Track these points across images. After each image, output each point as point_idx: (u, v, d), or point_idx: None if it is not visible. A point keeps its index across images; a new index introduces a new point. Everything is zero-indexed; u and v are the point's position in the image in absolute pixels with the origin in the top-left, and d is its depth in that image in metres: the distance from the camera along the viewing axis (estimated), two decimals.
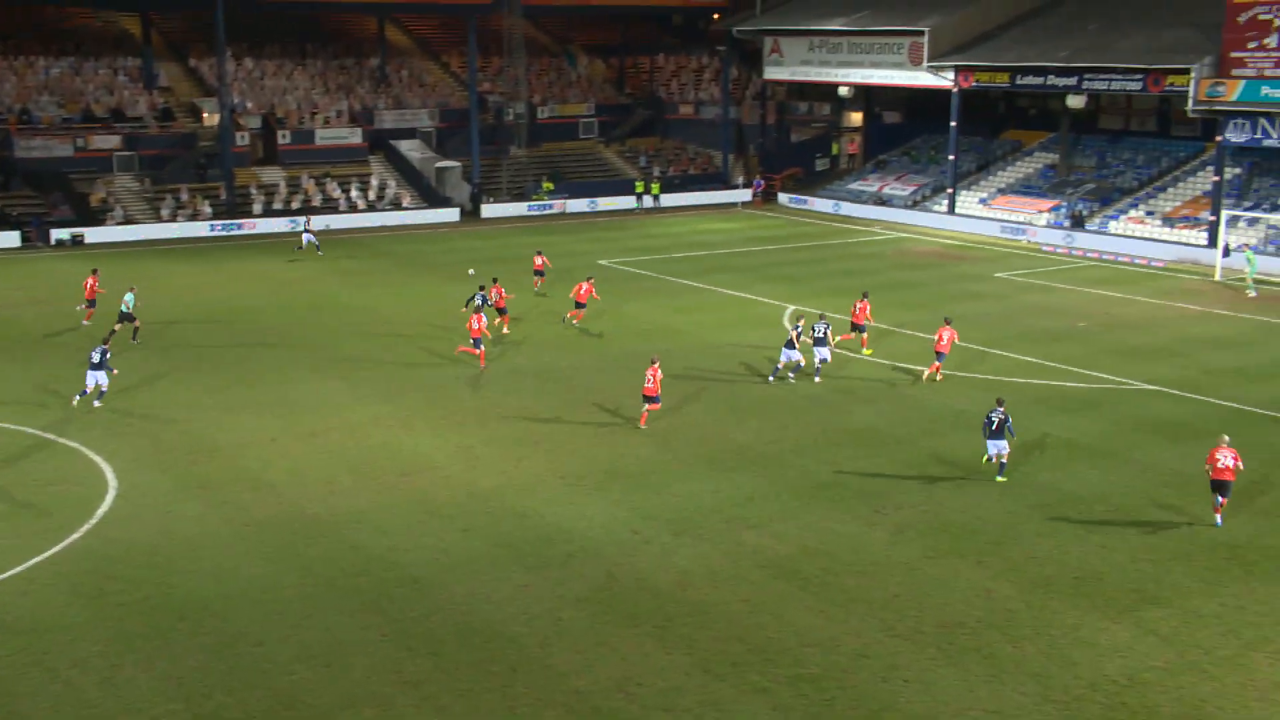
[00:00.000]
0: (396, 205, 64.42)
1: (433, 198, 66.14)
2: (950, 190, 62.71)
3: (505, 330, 36.95)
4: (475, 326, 32.87)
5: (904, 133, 73.39)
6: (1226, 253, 48.63)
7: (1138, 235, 53.97)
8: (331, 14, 74.77)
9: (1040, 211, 59.15)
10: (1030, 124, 68.23)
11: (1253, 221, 51.69)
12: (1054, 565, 20.30)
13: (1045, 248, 55.01)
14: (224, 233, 58.69)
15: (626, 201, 68.82)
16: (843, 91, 67.32)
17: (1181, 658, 17.30)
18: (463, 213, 65.48)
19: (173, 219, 58.76)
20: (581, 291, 38.00)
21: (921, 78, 61.93)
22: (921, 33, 61.11)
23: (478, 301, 35.52)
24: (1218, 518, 22.08)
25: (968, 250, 54.93)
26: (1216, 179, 51.49)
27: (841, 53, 65.98)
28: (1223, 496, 22.04)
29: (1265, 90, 47.86)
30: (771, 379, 31.56)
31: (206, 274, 48.02)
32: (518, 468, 25.20)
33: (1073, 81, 55.53)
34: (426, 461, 25.58)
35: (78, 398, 29.04)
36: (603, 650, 17.65)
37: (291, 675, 16.83)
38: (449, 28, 79.05)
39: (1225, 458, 22.03)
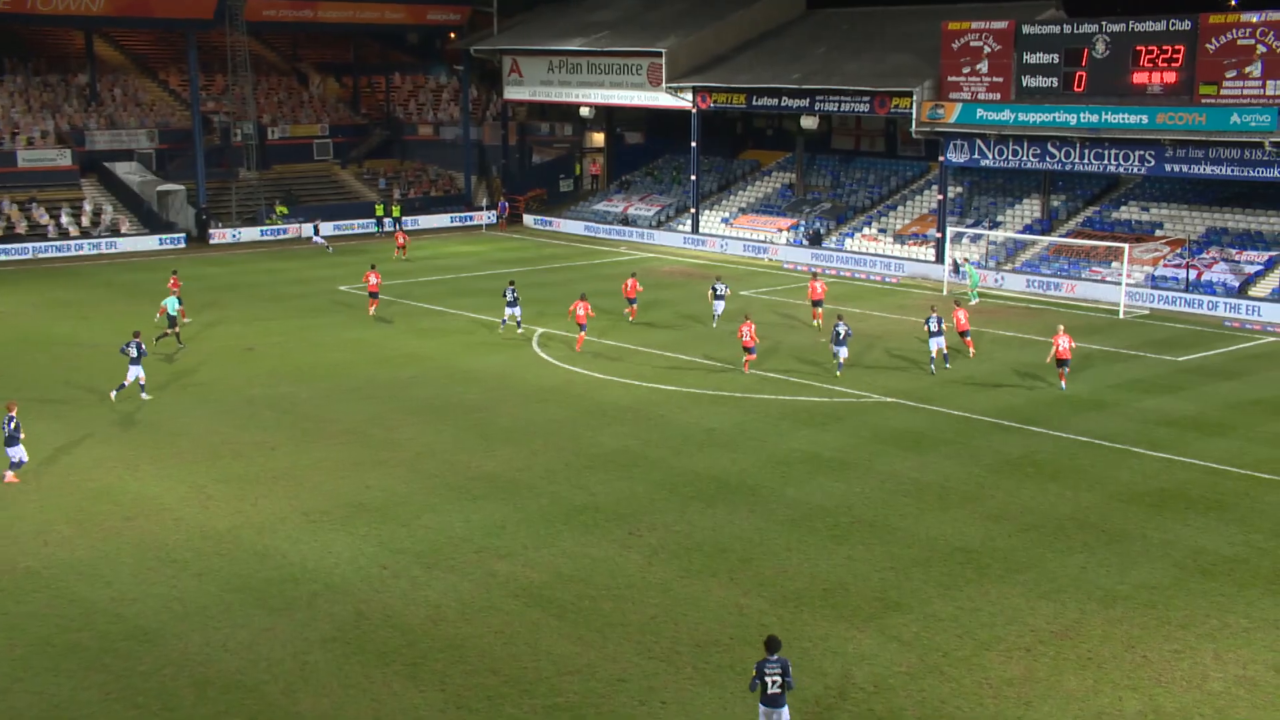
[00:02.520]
0: (114, 231, 61.05)
1: (155, 223, 63.03)
2: (693, 210, 64.55)
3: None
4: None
5: (646, 153, 75.09)
6: (956, 270, 52.01)
7: (872, 252, 57.03)
8: (31, 27, 70.22)
9: (780, 230, 61.66)
10: (768, 144, 71.10)
11: (976, 238, 55.50)
12: (803, 578, 21.10)
13: (787, 265, 57.34)
14: None
15: (366, 225, 67.61)
16: (584, 112, 68.32)
17: (923, 661, 18.29)
18: (189, 238, 62.69)
19: None
20: (579, 313, 37.78)
21: (661, 98, 63.59)
22: (659, 54, 62.77)
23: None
24: (1062, 384, 33.25)
25: (713, 269, 56.61)
26: (941, 198, 55.03)
27: (581, 73, 66.98)
28: (1063, 369, 33.29)
29: (980, 113, 51.56)
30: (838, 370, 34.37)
31: None
32: (255, 506, 24.25)
33: (805, 103, 58.25)
34: (154, 504, 24.29)
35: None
36: (352, 692, 17.17)
37: None
38: (166, 43, 75.66)
39: (1063, 342, 33.34)
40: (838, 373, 34.98)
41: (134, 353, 31.69)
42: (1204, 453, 28.19)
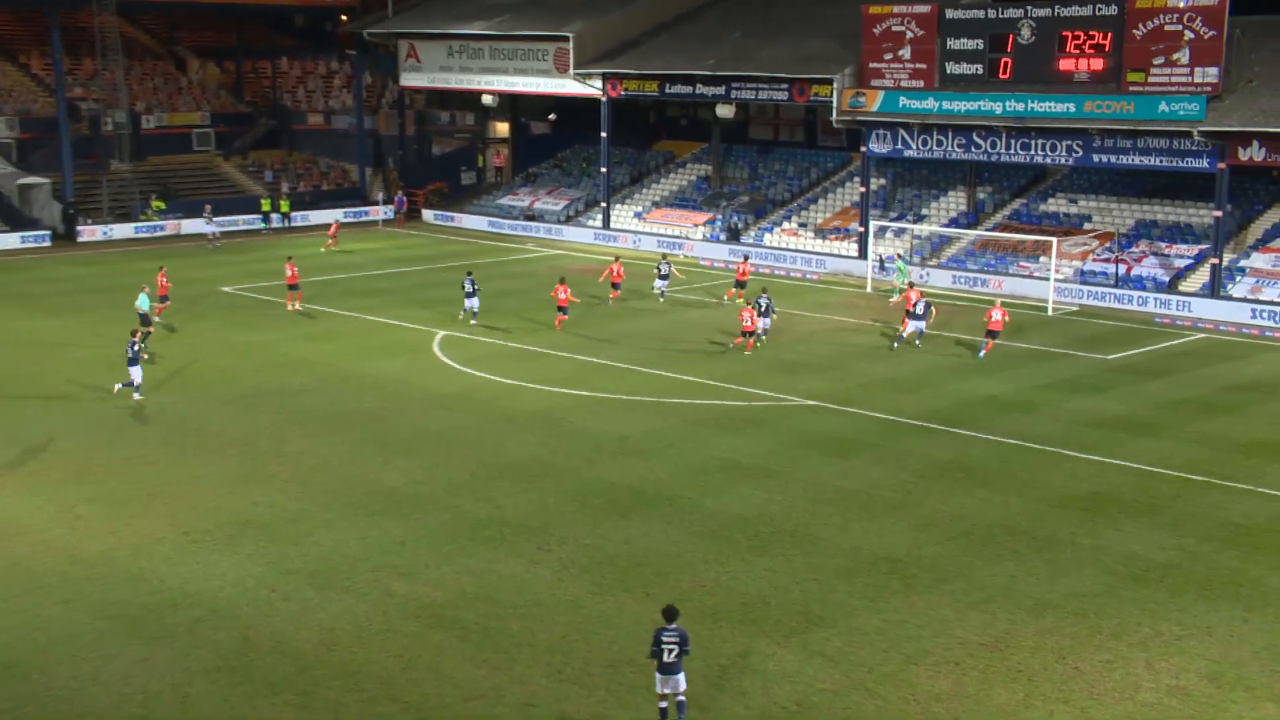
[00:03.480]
0: None
1: (16, 219, 61.44)
2: (604, 204, 64.62)
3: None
4: None
5: (554, 144, 75.03)
6: (882, 265, 52.69)
7: (792, 248, 57.55)
8: None
9: (696, 225, 61.97)
10: (682, 134, 71.45)
11: (900, 232, 56.32)
12: (722, 592, 21.20)
13: (703, 261, 57.64)
14: None
15: (252, 220, 66.63)
16: (486, 100, 68.01)
17: (848, 678, 18.48)
18: (54, 236, 61.19)
19: None
20: (560, 296, 41.15)
21: (569, 85, 63.54)
22: (566, 38, 62.73)
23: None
24: (981, 353, 37.23)
25: (625, 266, 56.63)
26: (863, 190, 55.74)
27: (483, 58, 66.68)
28: (991, 340, 37.35)
29: (903, 101, 52.31)
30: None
31: None
32: (130, 526, 23.73)
33: (721, 90, 58.63)
34: (16, 525, 23.64)
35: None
36: None
37: None
38: (27, 22, 73.73)
39: (996, 314, 37.91)
40: (759, 342, 38.37)
41: (130, 352, 32.47)
42: (1135, 454, 28.89)
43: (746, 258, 50.94)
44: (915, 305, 39.63)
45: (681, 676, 16.71)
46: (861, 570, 22.17)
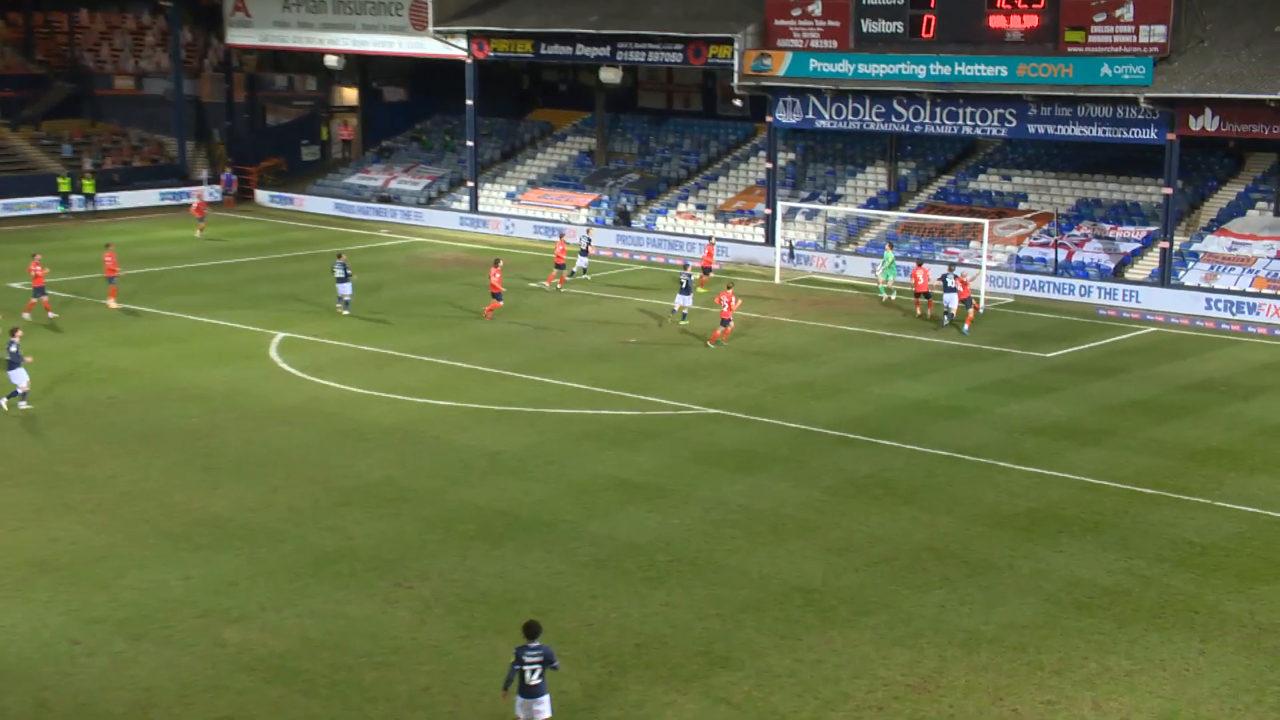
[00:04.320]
0: None
1: None
2: (471, 184, 64.34)
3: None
4: None
5: (411, 113, 74.62)
6: (792, 254, 53.22)
7: (690, 233, 57.88)
8: None
9: (579, 207, 62.01)
10: (562, 102, 71.48)
11: (811, 214, 56.98)
12: (612, 631, 21.20)
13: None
14: None
15: (47, 203, 65.08)
16: (330, 62, 67.20)
17: None
18: None
19: None
20: (494, 279, 42.99)
21: (428, 45, 63.17)
22: None
23: None
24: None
25: (496, 255, 56.46)
26: (770, 166, 56.28)
27: (326, 13, 65.98)
28: (926, 299, 42.39)
29: (814, 64, 52.92)
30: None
31: None
32: None
33: (605, 52, 58.75)
34: None
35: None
36: None
37: None
38: None
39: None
40: (682, 321, 42.03)
41: (8, 354, 32.52)
42: (1078, 465, 29.55)
43: (712, 239, 52.24)
44: (944, 278, 43.10)
45: (546, 700, 16.96)
46: (771, 603, 22.32)
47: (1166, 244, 47.77)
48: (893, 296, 47.61)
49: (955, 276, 43.30)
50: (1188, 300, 46.38)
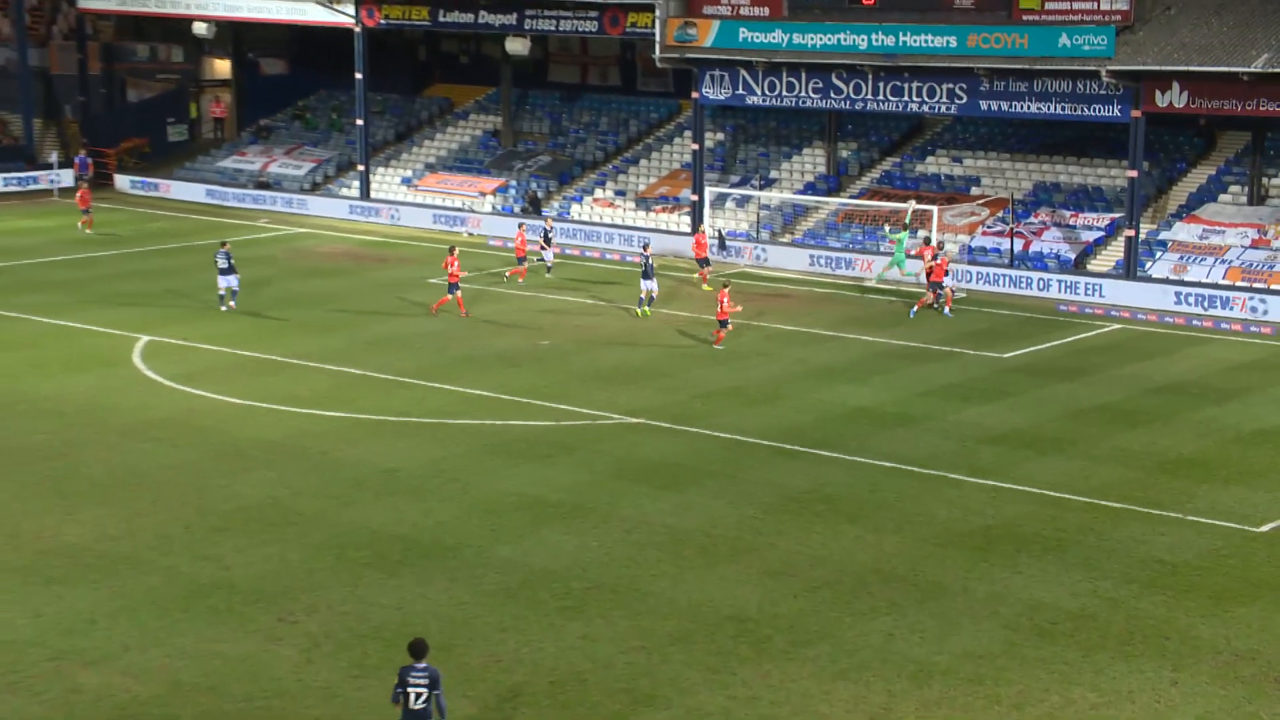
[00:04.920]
0: None
1: None
2: (362, 168, 63.98)
3: None
4: None
5: (293, 88, 74.06)
6: (722, 244, 53.36)
7: (608, 222, 57.92)
8: None
9: (484, 194, 61.86)
10: (463, 76, 71.29)
11: (743, 200, 57.21)
12: (524, 668, 21.14)
13: (493, 241, 57.51)
14: None
15: None
16: (199, 29, 66.45)
17: None
18: None
19: None
20: (453, 269, 43.40)
21: (311, 11, 62.74)
22: None
23: None
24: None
25: (391, 248, 56.23)
26: (696, 147, 56.43)
27: None
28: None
29: (744, 33, 53.11)
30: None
31: None
32: None
33: (512, 20, 58.61)
34: None
35: None
36: None
37: None
38: None
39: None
40: (643, 309, 43.94)
41: None
42: (1038, 477, 29.87)
43: (703, 231, 52.21)
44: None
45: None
46: (701, 634, 22.36)
47: (1132, 232, 48.44)
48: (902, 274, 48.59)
49: (943, 255, 45.93)
50: (1155, 294, 47.06)
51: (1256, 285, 46.54)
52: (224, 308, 43.60)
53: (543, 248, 50.88)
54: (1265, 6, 47.21)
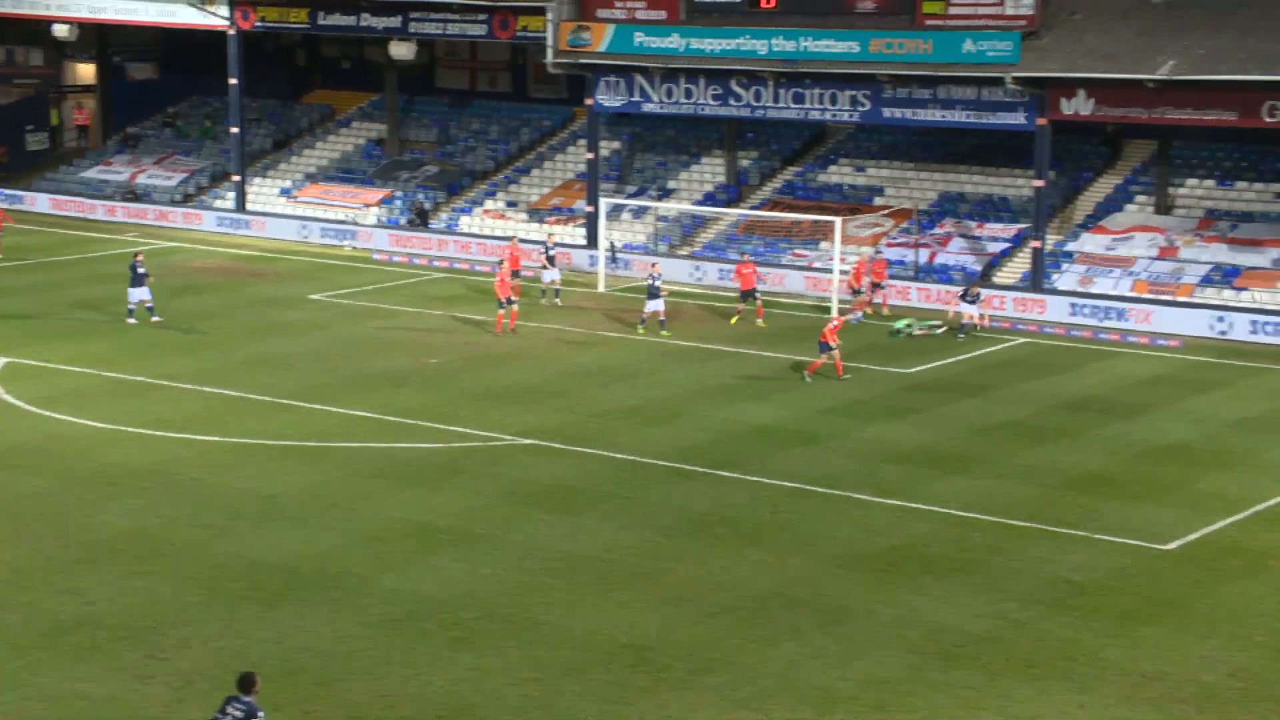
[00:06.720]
0: None
1: None
2: (237, 178, 63.49)
3: None
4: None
5: (163, 94, 73.40)
6: (615, 257, 53.45)
7: (499, 234, 57.80)
8: None
9: (368, 205, 61.58)
10: (345, 82, 70.91)
11: (640, 212, 57.39)
12: (411, 703, 21.07)
13: (378, 255, 57.29)
14: None
15: None
16: (61, 32, 65.60)
17: None
18: None
19: None
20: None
21: (182, 13, 62.18)
22: None
23: None
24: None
25: (269, 263, 55.79)
26: (590, 156, 56.54)
27: None
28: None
29: (640, 38, 53.34)
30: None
31: None
32: None
33: (396, 23, 58.45)
34: None
35: None
36: None
37: None
38: None
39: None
40: (663, 331, 44.16)
41: None
42: (944, 496, 30.25)
43: (745, 254, 50.26)
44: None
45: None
46: (597, 664, 22.40)
47: (1038, 243, 49.21)
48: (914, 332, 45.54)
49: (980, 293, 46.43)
50: (1062, 307, 47.82)
51: (1163, 297, 47.44)
52: (131, 320, 43.58)
53: (544, 268, 49.50)
54: (1171, 13, 48.20)
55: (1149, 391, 39.40)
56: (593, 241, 54.63)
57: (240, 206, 63.33)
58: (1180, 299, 47.29)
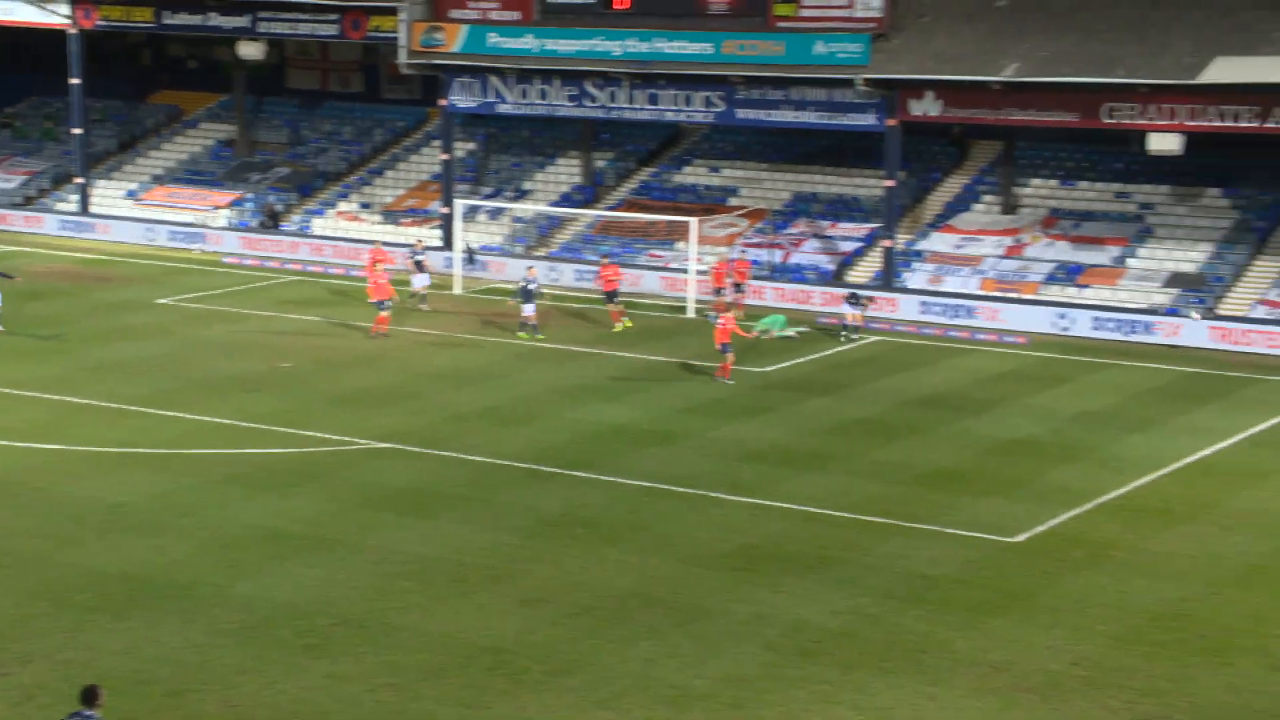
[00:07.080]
0: None
1: None
2: (80, 180, 62.48)
3: None
4: None
5: (1, 94, 71.79)
6: (471, 258, 53.36)
7: (352, 236, 57.46)
8: None
9: (217, 208, 60.89)
10: (193, 83, 70.03)
11: (496, 213, 57.34)
12: (263, 711, 20.89)
13: (228, 259, 56.68)
14: None
15: None
16: None
17: None
18: None
19: None
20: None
21: (20, 10, 61.19)
22: None
23: None
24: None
25: (115, 267, 54.97)
26: (445, 157, 56.40)
27: None
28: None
29: (494, 39, 53.39)
30: None
31: None
32: None
33: (244, 22, 57.90)
34: None
35: None
36: None
37: None
38: None
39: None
40: (538, 335, 44.10)
41: None
42: (799, 494, 30.63)
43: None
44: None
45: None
46: (454, 667, 22.38)
47: (890, 243, 49.99)
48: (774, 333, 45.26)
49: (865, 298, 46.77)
50: (913, 305, 48.62)
51: (1010, 295, 48.41)
52: None
53: (413, 273, 49.45)
54: (1015, 16, 49.25)
55: (997, 387, 40.22)
56: (449, 243, 54.51)
57: (84, 209, 62.29)
58: (1026, 296, 48.29)
